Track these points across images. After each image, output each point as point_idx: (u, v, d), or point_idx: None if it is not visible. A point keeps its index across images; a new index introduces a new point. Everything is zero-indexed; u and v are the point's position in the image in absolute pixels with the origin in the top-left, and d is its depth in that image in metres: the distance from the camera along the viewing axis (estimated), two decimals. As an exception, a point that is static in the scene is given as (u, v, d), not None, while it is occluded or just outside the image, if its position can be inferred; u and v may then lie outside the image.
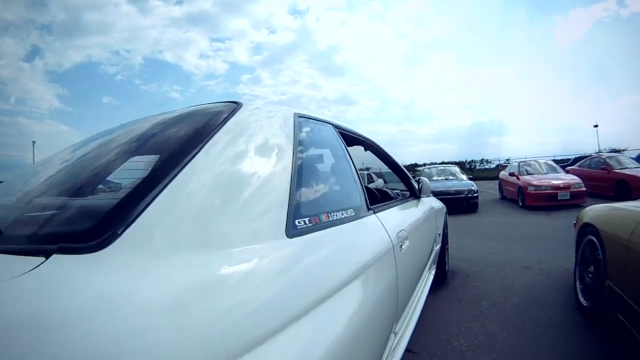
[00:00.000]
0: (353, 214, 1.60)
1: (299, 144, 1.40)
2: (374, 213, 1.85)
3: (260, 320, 0.76)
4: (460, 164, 16.85)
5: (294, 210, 1.16)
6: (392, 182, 4.35)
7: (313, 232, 1.20)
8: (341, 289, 1.09)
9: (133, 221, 0.76)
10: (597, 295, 2.69)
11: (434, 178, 12.20)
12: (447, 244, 4.50)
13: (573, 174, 11.46)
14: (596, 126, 34.81)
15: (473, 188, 11.15)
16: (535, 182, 10.59)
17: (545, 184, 10.33)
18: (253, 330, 0.73)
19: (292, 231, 1.09)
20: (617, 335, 2.42)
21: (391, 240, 1.73)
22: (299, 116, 1.57)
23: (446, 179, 12.26)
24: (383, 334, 1.45)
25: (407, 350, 2.41)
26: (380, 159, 2.85)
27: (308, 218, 1.22)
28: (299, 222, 1.15)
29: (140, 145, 1.26)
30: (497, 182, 14.88)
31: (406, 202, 2.75)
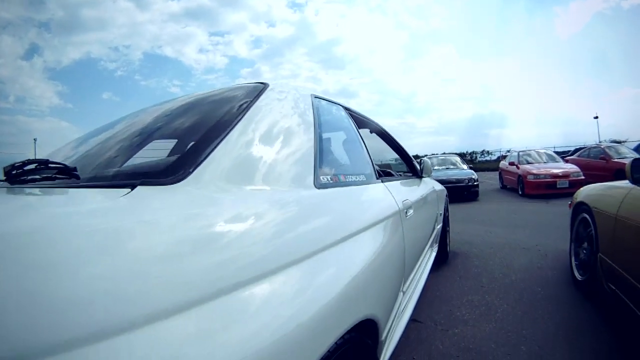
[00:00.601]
0: (365, 179, 1.88)
1: (318, 117, 1.64)
2: (382, 182, 2.07)
3: (299, 244, 0.99)
4: (461, 155, 16.98)
5: (319, 169, 1.40)
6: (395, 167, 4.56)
7: (334, 187, 1.46)
8: (359, 234, 1.34)
9: (200, 163, 0.97)
10: (591, 269, 2.87)
11: (435, 167, 12.23)
12: (449, 227, 4.69)
13: (572, 164, 11.54)
14: (596, 118, 34.77)
15: (473, 177, 11.32)
16: (534, 171, 10.73)
17: (545, 172, 10.46)
18: (297, 250, 0.96)
19: (318, 183, 1.34)
20: (609, 304, 2.61)
21: (397, 205, 1.94)
22: (315, 96, 1.77)
23: (447, 168, 12.41)
24: (394, 284, 1.66)
25: (413, 320, 2.61)
26: (383, 140, 3.01)
27: (329, 176, 1.48)
28: (323, 178, 1.40)
29: (197, 111, 1.48)
30: (497, 173, 14.99)
31: (409, 179, 2.92)
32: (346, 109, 2.22)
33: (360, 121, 2.47)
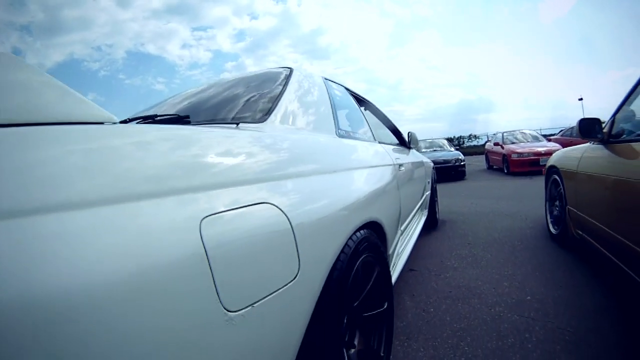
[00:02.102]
0: (367, 138, 2.45)
1: (329, 91, 2.17)
2: (379, 143, 2.64)
3: (332, 162, 1.56)
4: (449, 140, 17.39)
5: (338, 125, 1.99)
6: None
7: (347, 138, 2.04)
8: (365, 168, 1.92)
9: (272, 110, 1.50)
10: (563, 223, 3.31)
11: (423, 150, 12.67)
12: (437, 198, 5.18)
13: (555, 142, 11.86)
14: (581, 99, 35.04)
15: (460, 157, 11.82)
16: (518, 150, 11.16)
17: (528, 151, 10.89)
18: (331, 166, 1.51)
19: (338, 133, 1.95)
20: (578, 250, 3.11)
21: (393, 161, 2.49)
22: (324, 78, 2.27)
23: (434, 151, 12.94)
24: (392, 213, 2.17)
25: (410, 269, 3.04)
26: (375, 115, 3.47)
27: (343, 131, 2.01)
28: (340, 131, 1.95)
29: (253, 83, 1.95)
30: (484, 156, 15.47)
31: (399, 147, 3.35)
32: (347, 89, 2.70)
33: (358, 98, 2.93)
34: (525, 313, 2.17)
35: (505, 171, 11.70)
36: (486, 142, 18.19)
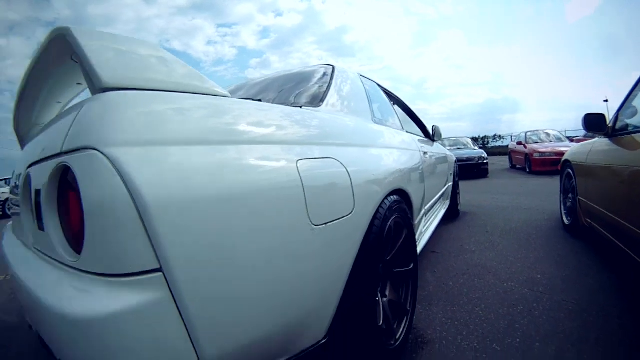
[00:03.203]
0: (396, 127, 2.74)
1: (364, 86, 2.46)
2: (407, 132, 2.93)
3: (369, 138, 1.91)
4: (474, 140, 17.41)
5: (373, 114, 2.32)
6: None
7: (380, 124, 2.36)
8: (395, 148, 2.21)
9: (324, 98, 1.82)
10: (575, 214, 3.51)
11: (447, 148, 12.81)
12: (459, 191, 5.41)
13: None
14: (606, 101, 34.26)
15: (483, 155, 11.89)
16: (541, 149, 11.17)
17: (550, 150, 10.85)
18: (368, 141, 1.84)
19: (374, 120, 2.29)
20: (588, 239, 3.34)
21: (418, 148, 2.78)
22: (360, 74, 2.55)
23: (458, 149, 12.99)
24: (418, 190, 2.43)
25: (432, 251, 3.29)
26: (402, 109, 3.73)
27: (377, 119, 2.31)
28: (374, 118, 2.28)
29: (304, 76, 2.26)
30: (508, 156, 15.51)
31: (424, 139, 3.63)
32: (378, 84, 2.99)
33: (387, 93, 3.23)
34: (535, 288, 2.40)
35: (528, 170, 11.73)
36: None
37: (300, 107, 1.66)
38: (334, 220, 1.21)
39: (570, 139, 13.56)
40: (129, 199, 0.73)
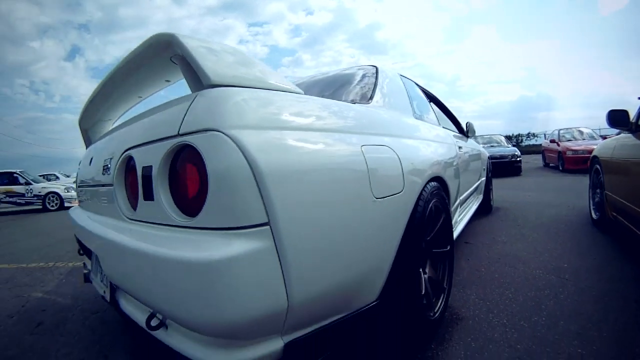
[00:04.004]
0: (434, 122, 2.94)
1: (404, 84, 2.66)
2: (443, 127, 3.13)
3: (411, 131, 2.15)
4: (507, 138, 17.25)
5: (413, 110, 2.53)
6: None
7: (419, 119, 2.55)
8: (432, 141, 2.38)
9: (372, 96, 2.09)
10: (603, 209, 3.64)
11: (481, 145, 12.74)
12: (491, 186, 5.54)
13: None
14: (640, 98, 33.55)
15: (516, 153, 11.83)
16: (574, 147, 11.09)
17: (583, 148, 10.75)
18: (411, 134, 2.07)
19: (415, 115, 2.49)
20: (614, 233, 3.48)
21: (454, 142, 2.98)
22: (400, 74, 2.75)
23: (492, 146, 12.88)
24: (454, 183, 2.61)
25: (465, 242, 3.49)
26: (439, 107, 3.87)
27: (418, 114, 2.56)
28: (415, 114, 2.51)
29: (351, 76, 2.47)
30: (541, 155, 15.40)
31: (458, 135, 3.81)
32: (415, 83, 3.17)
33: (424, 90, 3.40)
34: (561, 275, 2.57)
35: (560, 168, 11.64)
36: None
37: (354, 103, 1.90)
38: (389, 196, 1.44)
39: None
40: (248, 169, 0.95)
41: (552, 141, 12.92)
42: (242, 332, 0.99)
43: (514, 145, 14.11)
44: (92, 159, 1.90)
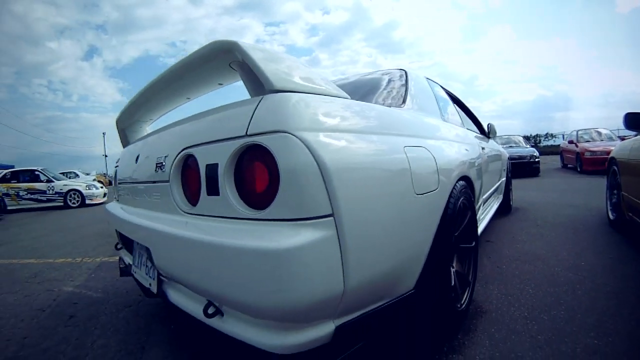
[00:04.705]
0: (459, 124, 3.05)
1: (431, 87, 2.79)
2: (467, 129, 3.24)
3: (439, 133, 2.23)
4: (525, 138, 17.13)
5: (441, 112, 2.65)
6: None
7: (448, 122, 2.70)
8: (457, 142, 2.44)
9: (405, 100, 2.20)
10: (619, 209, 3.71)
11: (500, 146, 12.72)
12: (511, 187, 5.60)
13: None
14: (661, 98, 33.06)
15: (535, 154, 11.77)
16: (592, 148, 11.00)
17: (602, 149, 10.65)
18: (440, 135, 2.02)
19: (443, 117, 2.63)
20: (630, 233, 3.57)
21: (477, 143, 3.08)
22: (426, 77, 2.85)
23: (510, 147, 12.76)
24: (477, 179, 2.69)
25: (487, 240, 3.60)
26: (461, 109, 3.96)
27: (445, 116, 2.74)
28: (442, 116, 2.63)
29: (382, 79, 2.57)
30: (559, 156, 15.24)
31: (480, 136, 3.89)
32: (441, 85, 3.28)
33: (448, 93, 3.49)
34: (578, 272, 2.68)
35: (578, 169, 11.55)
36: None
37: (389, 106, 2.01)
38: (427, 192, 1.57)
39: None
40: (316, 166, 1.04)
41: (571, 142, 12.82)
42: (302, 314, 1.07)
43: (532, 146, 14.02)
44: (138, 156, 1.94)
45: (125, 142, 2.48)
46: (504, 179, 4.89)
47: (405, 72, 2.54)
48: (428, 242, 1.60)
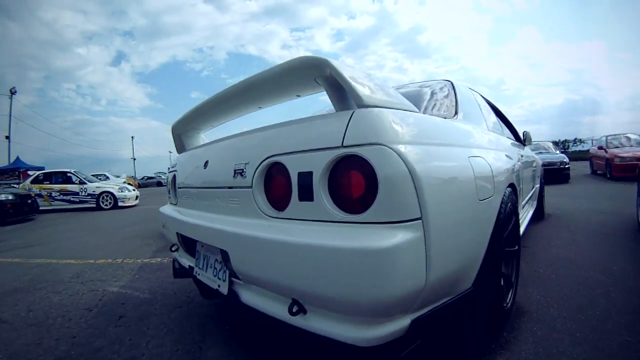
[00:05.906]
0: (500, 133, 3.15)
1: (474, 96, 2.89)
2: (507, 138, 3.36)
3: (485, 143, 2.25)
4: (554, 144, 16.78)
5: (485, 122, 2.70)
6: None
7: (492, 132, 2.74)
8: (505, 152, 2.56)
9: (457, 111, 2.26)
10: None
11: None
12: (544, 193, 5.66)
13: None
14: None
15: (565, 160, 11.55)
16: (622, 154, 10.66)
17: (632, 155, 10.25)
18: (487, 145, 2.23)
19: (488, 127, 2.67)
20: None
21: (517, 151, 3.19)
22: (468, 87, 2.94)
23: (540, 153, 12.24)
24: (519, 188, 2.82)
25: (523, 246, 3.75)
26: (498, 116, 3.89)
27: (490, 126, 2.79)
28: (487, 125, 2.71)
29: (432, 90, 2.57)
30: (589, 161, 14.86)
31: (517, 143, 3.94)
32: (481, 94, 3.33)
33: (488, 101, 3.55)
34: (611, 276, 2.80)
35: (608, 176, 11.27)
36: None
37: (445, 118, 2.01)
38: (486, 198, 1.66)
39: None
40: (409, 175, 1.14)
41: (600, 148, 12.50)
42: (388, 309, 1.15)
43: (561, 152, 13.79)
44: (207, 162, 1.95)
45: (180, 147, 2.52)
46: (538, 185, 4.91)
47: (452, 83, 2.60)
48: (485, 244, 1.67)
